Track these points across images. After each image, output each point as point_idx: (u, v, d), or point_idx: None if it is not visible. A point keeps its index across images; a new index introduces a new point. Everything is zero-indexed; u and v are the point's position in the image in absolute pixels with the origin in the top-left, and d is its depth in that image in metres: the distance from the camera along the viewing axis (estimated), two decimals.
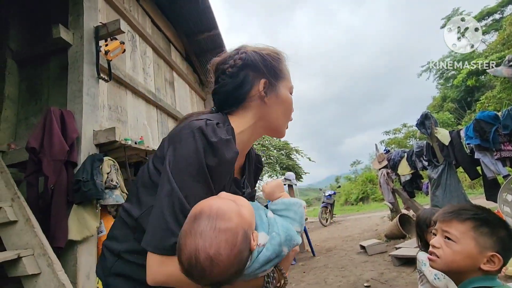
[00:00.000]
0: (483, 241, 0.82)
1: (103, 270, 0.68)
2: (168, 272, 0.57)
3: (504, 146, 2.95)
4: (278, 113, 0.77)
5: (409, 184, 4.80)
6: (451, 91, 21.81)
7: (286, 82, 0.79)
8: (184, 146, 0.61)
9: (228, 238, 0.51)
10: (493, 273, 0.82)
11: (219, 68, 0.78)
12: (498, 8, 21.57)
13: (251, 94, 0.74)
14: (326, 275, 3.46)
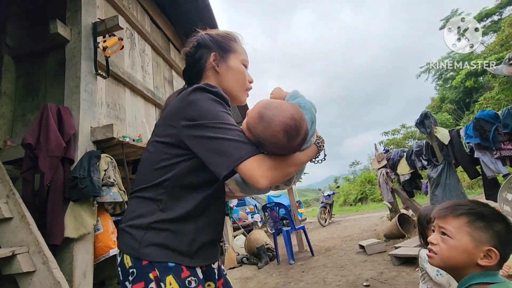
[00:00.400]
0: (479, 236, 0.81)
1: (132, 247, 0.74)
2: (268, 164, 0.70)
3: (504, 145, 2.94)
4: (231, 80, 0.91)
5: (408, 184, 4.79)
6: (449, 92, 21.87)
7: (237, 55, 0.93)
8: (200, 102, 0.74)
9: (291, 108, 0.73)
10: (492, 268, 0.80)
11: (184, 52, 0.95)
12: (497, 10, 21.64)
13: (206, 66, 0.90)
14: (325, 275, 3.44)
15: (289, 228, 4.70)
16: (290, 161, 0.74)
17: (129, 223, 0.78)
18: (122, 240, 0.78)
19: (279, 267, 4.25)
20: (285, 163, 0.73)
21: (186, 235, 0.76)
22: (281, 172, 0.72)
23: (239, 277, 4.20)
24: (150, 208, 0.77)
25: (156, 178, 0.77)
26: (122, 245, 0.77)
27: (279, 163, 0.72)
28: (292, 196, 5.68)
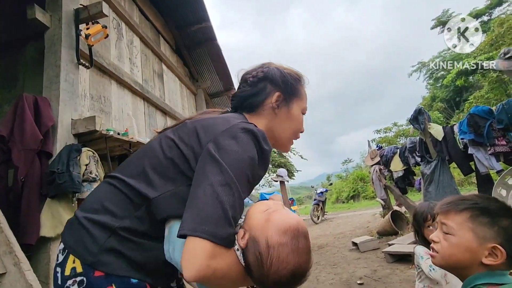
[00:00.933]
0: (482, 232, 0.74)
1: (87, 249, 0.59)
2: (218, 265, 0.54)
3: (498, 141, 2.92)
4: (286, 127, 0.82)
5: (401, 181, 4.77)
6: (440, 91, 22.15)
7: (300, 102, 0.84)
8: (242, 145, 0.63)
9: (310, 254, 0.62)
10: (500, 268, 0.73)
11: (243, 78, 0.85)
12: (487, 10, 21.99)
13: (265, 103, 0.79)
14: (318, 273, 3.39)
15: None
16: (237, 276, 0.58)
17: (90, 215, 0.63)
18: (74, 236, 0.62)
19: None
20: (231, 276, 0.57)
21: (153, 251, 0.64)
22: (217, 280, 0.55)
23: None
24: (124, 208, 0.63)
25: (149, 184, 0.65)
26: (71, 242, 0.62)
27: (227, 272, 0.56)
28: (285, 193, 5.62)
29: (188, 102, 5.94)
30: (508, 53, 2.59)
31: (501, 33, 14.99)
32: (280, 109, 0.80)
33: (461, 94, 19.91)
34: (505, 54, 2.63)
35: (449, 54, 23.98)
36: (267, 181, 16.59)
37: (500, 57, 2.69)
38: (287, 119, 0.81)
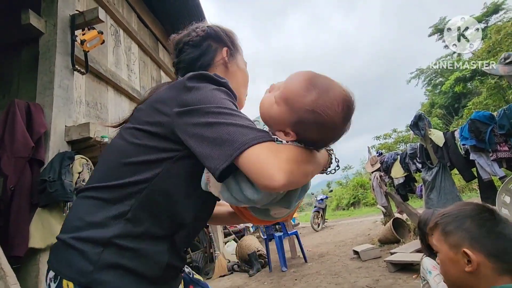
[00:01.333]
0: (453, 240, 0.74)
1: (80, 271, 0.54)
2: (288, 153, 0.52)
3: (500, 146, 2.87)
4: (239, 81, 0.82)
5: (402, 187, 4.71)
6: (439, 98, 22.23)
7: (242, 57, 0.86)
8: (201, 89, 0.59)
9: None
10: (490, 273, 0.69)
11: (181, 41, 0.79)
12: (483, 18, 22.23)
13: (215, 61, 0.78)
14: (319, 283, 3.30)
15: (282, 234, 4.55)
16: (311, 158, 0.56)
17: (75, 234, 0.56)
18: (63, 259, 0.56)
19: (271, 275, 4.08)
20: (306, 159, 0.55)
21: (157, 256, 0.59)
22: (300, 169, 0.52)
23: (230, 285, 4.01)
24: (109, 216, 0.57)
25: (126, 175, 0.59)
26: (61, 267, 0.56)
27: (299, 156, 0.53)
28: None
29: None
30: (508, 58, 2.58)
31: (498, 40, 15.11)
32: (231, 63, 0.80)
33: (460, 101, 19.98)
34: (506, 59, 2.61)
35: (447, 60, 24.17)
36: None
37: (501, 62, 2.67)
38: (238, 71, 0.82)
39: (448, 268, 0.76)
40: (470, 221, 0.75)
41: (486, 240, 0.71)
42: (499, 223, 0.74)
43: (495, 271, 0.70)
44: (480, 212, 0.76)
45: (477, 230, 0.73)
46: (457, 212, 0.78)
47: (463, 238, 0.73)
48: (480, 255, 0.70)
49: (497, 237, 0.71)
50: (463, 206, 0.81)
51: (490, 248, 0.70)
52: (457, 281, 0.75)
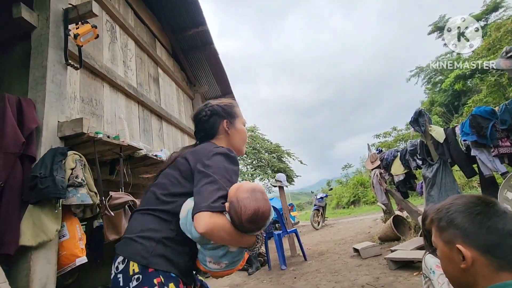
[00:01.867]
0: (446, 237, 0.72)
1: (142, 256, 0.89)
2: (216, 222, 0.85)
3: (501, 142, 2.83)
4: (239, 140, 1.22)
5: (402, 184, 4.67)
6: (438, 96, 22.18)
7: (240, 119, 1.24)
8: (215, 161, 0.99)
9: (268, 203, 0.93)
10: (486, 271, 0.65)
11: (197, 117, 1.23)
12: (483, 16, 22.16)
13: (219, 130, 1.19)
14: (319, 281, 3.26)
15: (281, 232, 4.51)
16: (233, 234, 0.89)
17: (139, 234, 0.93)
18: (130, 249, 0.92)
19: (270, 273, 4.05)
20: (228, 231, 0.88)
21: (184, 256, 0.96)
22: (219, 233, 0.86)
23: (229, 284, 3.98)
24: (162, 226, 0.95)
25: (168, 203, 0.98)
26: (129, 253, 0.91)
27: (225, 227, 0.87)
28: (284, 198, 5.50)
29: (185, 106, 5.86)
30: (510, 52, 2.53)
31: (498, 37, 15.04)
32: (230, 129, 1.20)
33: (460, 98, 19.92)
34: (507, 52, 2.56)
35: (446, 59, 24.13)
36: (267, 187, 16.46)
37: (502, 56, 2.62)
38: (237, 134, 1.21)
39: (446, 265, 0.74)
40: (462, 215, 0.71)
41: (478, 235, 0.67)
42: (493, 216, 0.69)
43: (491, 267, 0.66)
44: (473, 205, 0.72)
45: (468, 224, 0.69)
46: (449, 206, 0.75)
47: (455, 233, 0.70)
48: (474, 251, 0.66)
49: (490, 232, 0.67)
50: (456, 200, 0.76)
51: (483, 244, 0.66)
52: (456, 278, 0.72)
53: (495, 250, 0.66)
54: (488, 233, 0.67)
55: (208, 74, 6.61)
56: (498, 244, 0.66)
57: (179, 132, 5.17)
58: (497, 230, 0.67)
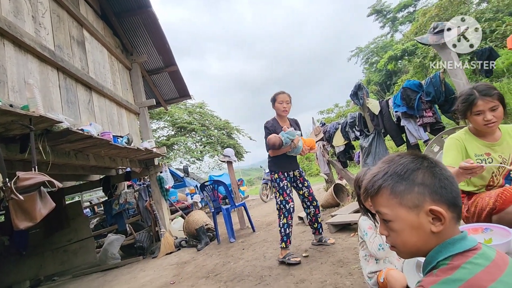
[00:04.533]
0: (410, 201, 0.62)
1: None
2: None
3: (426, 112, 3.15)
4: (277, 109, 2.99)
5: (342, 155, 5.00)
6: (374, 75, 24.09)
7: (276, 103, 2.96)
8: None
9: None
10: (451, 228, 0.61)
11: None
12: (412, 2, 24.30)
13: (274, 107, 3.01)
14: (266, 249, 3.36)
15: (229, 206, 4.50)
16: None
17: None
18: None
19: (219, 247, 4.05)
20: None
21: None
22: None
23: (176, 262, 3.87)
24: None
25: None
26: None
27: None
28: (232, 173, 5.47)
29: (121, 77, 5.24)
30: (437, 28, 2.74)
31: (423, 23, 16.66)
32: (274, 106, 2.93)
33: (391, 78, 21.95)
34: (435, 28, 2.77)
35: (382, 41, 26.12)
36: (217, 164, 16.35)
37: (430, 32, 2.84)
38: (276, 109, 2.91)
39: (408, 236, 0.64)
40: (422, 172, 0.63)
41: (443, 189, 0.62)
42: (440, 166, 0.66)
43: (452, 221, 0.62)
44: (422, 161, 0.66)
45: (432, 180, 0.63)
46: (401, 167, 0.65)
47: (422, 193, 0.62)
48: (443, 206, 0.61)
49: (449, 182, 0.63)
50: (400, 160, 0.67)
51: (449, 197, 0.62)
52: (419, 248, 0.64)
53: (456, 201, 0.63)
54: (449, 184, 0.63)
55: (147, 43, 5.96)
56: (457, 193, 0.64)
57: (115, 106, 4.63)
58: (447, 179, 0.64)
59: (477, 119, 1.54)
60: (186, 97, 7.95)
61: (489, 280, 0.52)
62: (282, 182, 2.84)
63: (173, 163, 14.62)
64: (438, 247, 0.61)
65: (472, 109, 1.53)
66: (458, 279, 0.53)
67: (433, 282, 0.55)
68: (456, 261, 0.57)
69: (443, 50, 2.78)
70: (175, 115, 14.65)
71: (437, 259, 0.60)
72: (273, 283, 2.33)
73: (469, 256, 0.57)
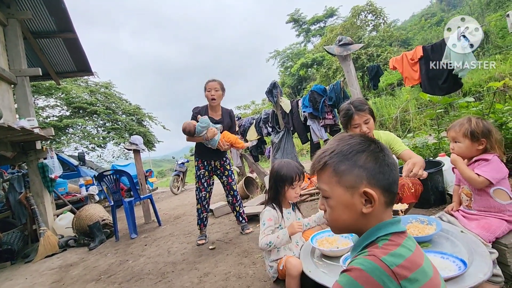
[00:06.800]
0: (348, 181, 0.65)
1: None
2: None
3: (327, 115, 3.56)
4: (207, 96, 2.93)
5: (255, 149, 5.20)
6: (288, 78, 26.21)
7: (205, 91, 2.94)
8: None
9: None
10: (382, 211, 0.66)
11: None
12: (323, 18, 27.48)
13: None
14: (171, 244, 3.18)
15: (132, 199, 4.08)
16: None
17: None
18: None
19: (117, 245, 3.63)
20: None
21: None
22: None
23: (59, 265, 3.26)
24: None
25: None
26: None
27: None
28: (139, 163, 4.97)
29: None
30: (341, 41, 3.12)
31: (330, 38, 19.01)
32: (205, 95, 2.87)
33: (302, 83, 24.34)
34: (339, 41, 3.15)
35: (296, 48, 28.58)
36: (123, 153, 14.68)
37: (336, 44, 3.20)
38: (206, 97, 2.86)
39: (341, 213, 0.67)
40: (365, 156, 0.66)
41: (381, 174, 0.65)
42: (384, 152, 0.69)
43: (384, 205, 0.66)
44: (369, 144, 0.68)
45: (373, 165, 0.65)
46: (348, 147, 0.67)
47: (360, 176, 0.64)
48: (377, 191, 0.64)
49: (389, 169, 0.67)
50: (349, 140, 0.70)
51: (385, 183, 0.65)
52: (347, 224, 0.68)
53: (391, 187, 0.66)
54: (389, 171, 0.66)
55: None
56: (394, 180, 0.67)
57: None
58: (388, 166, 0.67)
59: (355, 131, 1.87)
60: (86, 73, 6.76)
61: (420, 259, 0.60)
62: (199, 171, 2.95)
63: (66, 149, 12.36)
64: (379, 224, 0.65)
65: (351, 122, 1.84)
66: (401, 255, 0.59)
67: (384, 253, 0.59)
68: (395, 239, 0.62)
69: (344, 61, 3.19)
70: (72, 92, 12.38)
71: (377, 234, 0.64)
72: (176, 279, 2.20)
73: (403, 237, 0.64)
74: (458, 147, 1.52)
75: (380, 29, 18.61)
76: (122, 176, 4.18)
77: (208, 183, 2.97)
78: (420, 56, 2.98)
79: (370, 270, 0.56)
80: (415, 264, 0.58)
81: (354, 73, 3.17)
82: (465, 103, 2.89)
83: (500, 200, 1.40)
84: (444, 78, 2.86)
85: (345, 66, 3.21)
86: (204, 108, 2.92)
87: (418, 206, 2.32)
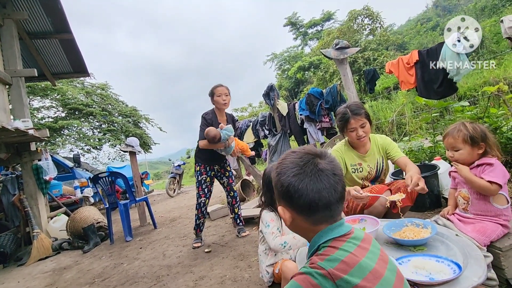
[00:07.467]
0: (280, 202, 0.77)
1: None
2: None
3: (324, 118, 3.57)
4: (218, 104, 2.90)
5: None
6: (285, 81, 26.29)
7: (215, 96, 2.88)
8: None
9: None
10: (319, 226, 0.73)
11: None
12: (320, 22, 27.67)
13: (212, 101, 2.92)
14: (166, 247, 3.16)
15: (128, 201, 4.05)
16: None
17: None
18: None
19: (112, 247, 3.59)
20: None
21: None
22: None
23: (52, 268, 3.22)
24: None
25: None
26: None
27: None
28: (135, 165, 4.94)
29: None
30: (338, 44, 3.14)
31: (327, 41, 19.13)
32: (213, 100, 2.86)
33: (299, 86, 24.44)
34: (336, 44, 3.17)
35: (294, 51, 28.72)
36: (119, 155, 14.59)
37: (333, 47, 3.22)
38: (215, 102, 2.85)
39: (293, 228, 0.79)
40: (275, 180, 0.76)
41: (300, 198, 0.70)
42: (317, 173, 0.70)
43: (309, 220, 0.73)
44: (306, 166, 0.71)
45: (280, 188, 0.73)
46: (268, 176, 0.82)
47: (276, 199, 0.78)
48: (289, 210, 0.75)
49: (305, 194, 0.69)
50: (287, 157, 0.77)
51: (301, 204, 0.70)
52: (304, 236, 0.79)
53: (313, 206, 0.70)
54: (304, 195, 0.70)
55: None
56: (313, 201, 0.70)
57: None
58: (307, 191, 0.71)
59: (352, 135, 1.86)
60: (82, 74, 6.72)
61: (361, 256, 0.66)
62: (201, 176, 2.90)
63: (62, 151, 12.26)
64: (320, 232, 0.72)
65: (347, 126, 1.84)
66: (337, 258, 0.65)
67: (320, 259, 0.66)
68: (335, 244, 0.69)
69: (341, 65, 3.21)
70: (68, 93, 12.30)
71: (318, 242, 0.71)
72: (171, 282, 2.18)
73: (344, 240, 0.70)
74: (459, 154, 1.49)
75: (376, 33, 18.78)
76: (117, 178, 4.15)
77: (208, 189, 2.94)
78: (416, 60, 3.01)
79: (308, 273, 0.64)
80: (352, 263, 0.64)
81: (351, 76, 3.19)
82: (460, 107, 2.92)
83: (498, 205, 1.40)
84: (439, 82, 2.89)
85: (342, 70, 3.23)
86: (213, 114, 2.88)
87: (414, 209, 2.32)
